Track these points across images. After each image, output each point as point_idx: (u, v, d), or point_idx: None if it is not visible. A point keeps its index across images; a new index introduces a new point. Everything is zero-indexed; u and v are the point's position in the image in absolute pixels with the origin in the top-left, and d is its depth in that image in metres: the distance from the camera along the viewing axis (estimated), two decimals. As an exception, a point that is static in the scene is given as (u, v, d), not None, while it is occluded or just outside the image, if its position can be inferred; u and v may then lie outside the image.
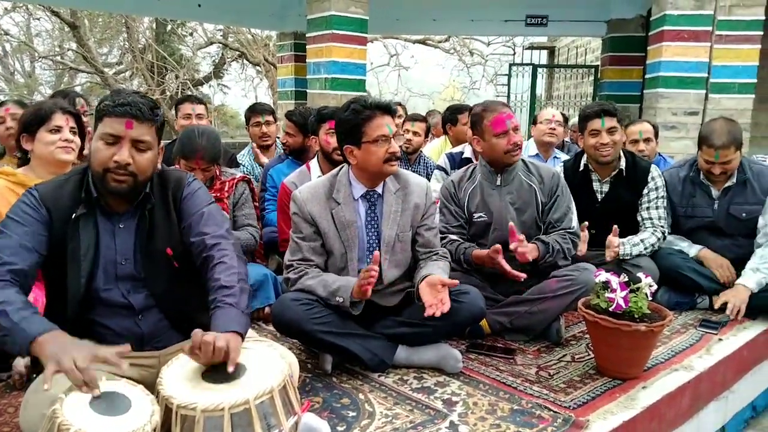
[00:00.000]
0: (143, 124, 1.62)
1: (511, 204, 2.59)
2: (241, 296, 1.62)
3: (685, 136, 5.75)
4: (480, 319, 2.34)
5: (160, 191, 1.75)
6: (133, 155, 1.62)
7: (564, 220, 2.59)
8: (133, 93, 1.68)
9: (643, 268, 2.75)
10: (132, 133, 1.61)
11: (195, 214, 1.74)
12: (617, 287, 2.07)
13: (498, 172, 2.62)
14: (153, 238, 1.70)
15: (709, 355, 2.40)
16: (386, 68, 16.53)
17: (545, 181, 2.61)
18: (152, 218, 1.71)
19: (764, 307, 2.78)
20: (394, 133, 2.17)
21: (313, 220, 2.22)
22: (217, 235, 1.73)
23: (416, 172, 4.01)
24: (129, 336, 1.69)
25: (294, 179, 3.02)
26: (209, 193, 1.86)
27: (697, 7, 5.52)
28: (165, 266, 1.72)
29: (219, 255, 1.69)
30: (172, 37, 15.98)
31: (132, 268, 1.69)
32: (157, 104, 1.70)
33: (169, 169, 1.85)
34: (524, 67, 9.78)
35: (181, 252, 1.74)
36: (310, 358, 2.29)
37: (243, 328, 1.57)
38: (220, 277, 1.64)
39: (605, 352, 2.18)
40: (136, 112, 1.60)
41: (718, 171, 2.84)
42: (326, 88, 6.14)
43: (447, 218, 2.69)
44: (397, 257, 2.30)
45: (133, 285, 1.70)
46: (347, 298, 2.05)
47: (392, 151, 2.15)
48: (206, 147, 2.61)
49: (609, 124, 2.86)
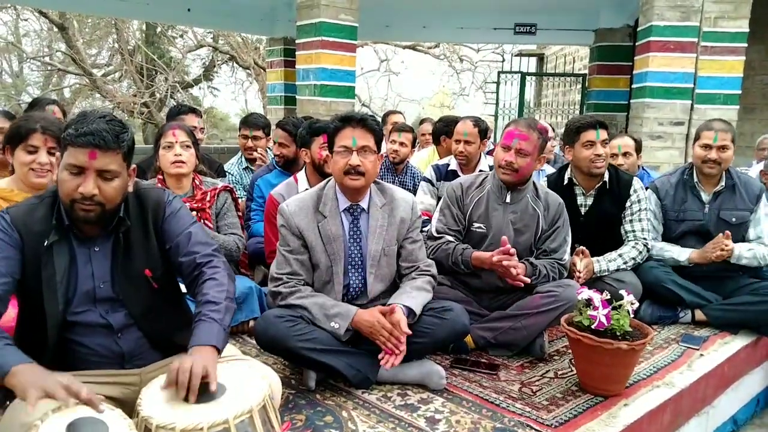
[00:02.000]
0: (107, 153, 1.55)
1: (512, 223, 2.59)
2: (226, 314, 1.64)
3: (671, 146, 5.81)
4: (464, 335, 2.36)
5: (137, 212, 1.72)
6: (99, 185, 1.57)
7: (558, 251, 2.59)
8: (99, 118, 1.58)
9: (625, 282, 2.78)
10: (96, 163, 1.54)
11: (181, 235, 1.73)
12: (599, 305, 2.09)
13: (508, 189, 2.60)
14: (131, 260, 1.69)
15: (690, 371, 2.42)
16: (376, 73, 16.54)
17: (550, 209, 2.61)
18: (129, 240, 1.69)
19: (747, 322, 2.82)
20: (360, 146, 2.15)
21: (300, 233, 2.22)
22: (207, 253, 1.74)
23: (403, 182, 4.01)
24: (109, 355, 1.68)
25: (281, 191, 3.02)
26: (190, 212, 1.85)
27: (683, 18, 5.59)
28: (144, 287, 1.70)
29: (210, 272, 1.70)
30: (161, 39, 15.89)
31: (110, 290, 1.68)
32: (124, 128, 1.61)
33: (147, 187, 1.79)
34: (513, 75, 9.82)
35: (160, 273, 1.73)
36: (294, 374, 2.28)
37: (222, 343, 1.58)
38: (208, 292, 1.65)
39: (587, 369, 2.19)
40: (99, 142, 1.53)
41: (715, 156, 2.89)
42: (315, 94, 6.14)
43: (447, 220, 2.67)
44: (382, 271, 2.31)
45: (112, 305, 1.69)
46: (344, 326, 2.07)
47: (351, 163, 2.13)
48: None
49: (603, 136, 2.89)
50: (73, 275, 1.64)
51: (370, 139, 2.19)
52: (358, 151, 2.16)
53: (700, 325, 2.90)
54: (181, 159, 2.65)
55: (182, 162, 2.65)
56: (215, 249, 1.77)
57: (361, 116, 2.21)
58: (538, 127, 2.57)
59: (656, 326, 2.89)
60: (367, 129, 2.19)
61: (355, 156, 2.15)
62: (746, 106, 6.91)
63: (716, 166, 2.92)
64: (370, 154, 2.18)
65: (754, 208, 2.95)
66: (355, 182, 2.17)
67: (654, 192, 3.09)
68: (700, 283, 2.92)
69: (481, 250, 2.57)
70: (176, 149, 2.65)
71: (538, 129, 2.56)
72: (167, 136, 2.68)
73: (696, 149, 2.98)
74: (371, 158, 2.18)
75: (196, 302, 1.66)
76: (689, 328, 2.89)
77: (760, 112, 7.87)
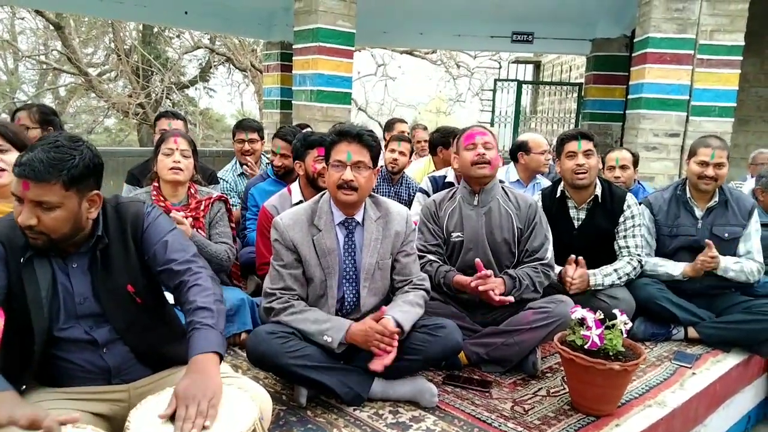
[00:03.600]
0: (40, 184, 1.47)
1: (486, 225, 2.62)
2: (219, 317, 1.62)
3: (665, 157, 5.84)
4: (457, 352, 2.35)
5: (117, 226, 1.68)
6: (39, 215, 1.50)
7: (540, 250, 2.61)
8: (47, 145, 1.49)
9: (619, 299, 2.78)
10: (29, 194, 1.47)
11: (158, 243, 1.70)
12: (593, 325, 2.08)
13: (476, 192, 2.65)
14: (111, 276, 1.66)
15: (682, 390, 2.42)
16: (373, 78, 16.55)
17: (522, 209, 2.64)
18: (108, 257, 1.66)
19: (739, 340, 2.83)
20: (355, 161, 2.15)
21: (294, 246, 2.20)
22: (185, 260, 1.70)
23: (398, 192, 4.00)
24: (94, 370, 1.66)
25: (275, 203, 3.01)
26: (171, 221, 1.82)
27: (679, 30, 5.62)
28: (127, 302, 1.68)
29: (192, 278, 1.67)
30: (158, 39, 15.84)
31: (93, 306, 1.65)
32: (70, 156, 1.50)
33: (125, 201, 1.75)
34: (509, 83, 9.84)
35: (143, 287, 1.70)
36: (285, 390, 2.27)
37: (222, 348, 1.57)
38: (195, 299, 1.62)
39: (580, 388, 2.19)
40: (29, 173, 1.45)
41: (712, 173, 2.90)
42: (312, 100, 6.14)
43: (426, 237, 2.70)
44: (376, 285, 2.30)
45: (95, 321, 1.66)
46: (337, 339, 2.05)
47: (344, 178, 2.13)
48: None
49: (585, 147, 2.90)
50: (55, 291, 1.61)
51: (366, 155, 2.18)
52: (352, 166, 2.15)
53: (692, 342, 2.90)
54: (180, 166, 2.65)
55: (180, 169, 2.66)
56: (194, 254, 1.74)
57: (358, 131, 2.19)
58: (487, 128, 2.80)
59: (649, 343, 2.89)
60: (363, 144, 2.18)
61: (349, 171, 2.14)
62: (741, 118, 6.94)
63: (712, 183, 2.92)
64: (365, 169, 2.17)
65: (746, 224, 2.96)
66: (347, 197, 2.17)
67: (647, 207, 3.09)
68: (693, 300, 2.93)
69: (461, 258, 2.64)
70: (176, 156, 2.66)
71: (488, 129, 2.76)
72: (169, 142, 2.69)
73: (692, 165, 2.98)
74: (365, 174, 2.17)
75: (185, 311, 1.63)
76: (682, 345, 2.89)
77: (754, 125, 7.91)
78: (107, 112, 16.79)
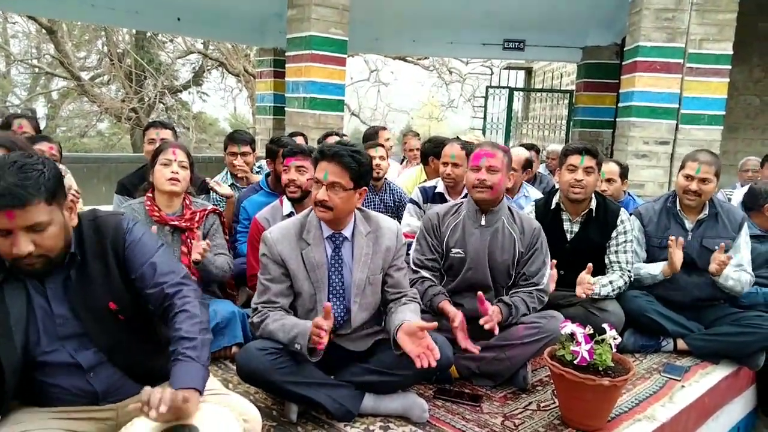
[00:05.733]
0: (27, 207, 1.42)
1: (489, 246, 2.60)
2: (202, 349, 1.59)
3: (656, 165, 5.88)
4: (448, 367, 2.35)
5: (94, 242, 1.63)
6: (34, 239, 1.46)
7: (537, 275, 2.59)
8: (8, 169, 1.42)
9: (609, 311, 2.80)
10: (18, 222, 1.42)
11: (146, 264, 1.66)
12: (582, 340, 2.10)
13: (483, 212, 2.63)
14: (91, 295, 1.61)
15: (671, 403, 2.43)
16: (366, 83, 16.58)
17: (526, 232, 2.62)
18: (86, 275, 1.61)
19: (728, 352, 2.85)
20: (330, 182, 2.11)
21: (282, 260, 2.20)
22: (175, 282, 1.67)
23: (383, 200, 3.97)
24: (81, 394, 1.63)
25: (266, 215, 3.01)
26: (155, 237, 1.79)
27: (668, 39, 5.67)
28: (110, 320, 1.64)
29: (180, 303, 1.64)
30: (151, 43, 15.81)
31: (74, 326, 1.60)
32: (39, 169, 1.46)
33: (103, 215, 1.69)
34: (501, 90, 9.88)
35: (126, 304, 1.66)
36: (276, 405, 2.26)
37: (202, 384, 1.54)
38: (181, 327, 1.59)
39: (569, 403, 2.20)
40: (11, 202, 1.40)
41: (695, 187, 2.90)
42: (305, 107, 6.15)
43: (423, 250, 2.68)
44: (367, 300, 2.30)
45: (80, 342, 1.62)
46: (304, 345, 2.01)
47: (318, 197, 2.13)
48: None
49: (587, 163, 2.89)
50: (32, 314, 1.57)
51: (344, 176, 2.13)
52: (327, 186, 2.13)
53: (682, 354, 2.92)
54: (177, 177, 2.67)
55: (178, 180, 2.68)
56: (183, 276, 1.71)
57: (336, 151, 2.14)
58: (500, 147, 2.69)
59: (639, 355, 2.91)
60: (342, 165, 2.13)
61: (323, 190, 2.13)
62: (730, 126, 7.00)
63: (696, 198, 2.93)
64: (341, 190, 2.13)
65: (736, 236, 2.97)
66: (322, 214, 2.17)
67: (638, 218, 3.11)
68: (682, 312, 2.95)
69: (461, 275, 2.62)
70: (174, 167, 2.68)
71: (500, 148, 2.66)
72: (167, 153, 2.70)
73: (679, 178, 3.00)
74: (341, 194, 2.13)
75: (171, 336, 1.60)
76: (671, 357, 2.91)
77: (743, 132, 7.98)
78: (100, 116, 16.74)
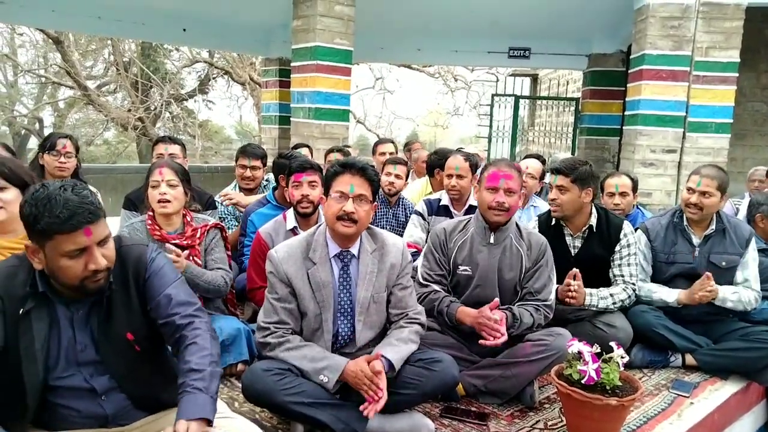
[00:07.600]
0: (97, 222, 1.53)
1: (497, 264, 2.58)
2: (211, 381, 1.60)
3: (663, 173, 5.85)
4: (453, 386, 2.34)
5: (119, 272, 1.67)
6: (103, 253, 1.55)
7: (543, 291, 2.57)
8: (64, 192, 1.49)
9: (617, 327, 2.78)
10: (95, 237, 1.52)
11: (161, 295, 1.69)
12: (589, 359, 2.08)
13: (492, 229, 2.61)
14: (112, 324, 1.65)
15: (680, 421, 2.41)
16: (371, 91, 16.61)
17: (533, 249, 2.60)
18: (111, 303, 1.65)
19: (737, 368, 2.82)
20: (357, 194, 2.14)
21: (288, 280, 2.19)
22: (188, 314, 1.70)
23: (395, 214, 4.00)
24: (92, 416, 1.66)
25: (269, 230, 3.01)
26: (175, 270, 1.81)
27: (675, 47, 5.65)
28: (126, 350, 1.67)
29: (192, 335, 1.66)
30: (157, 52, 15.91)
31: (93, 354, 1.64)
32: (85, 186, 1.56)
33: (128, 245, 1.73)
34: (507, 98, 9.87)
35: (143, 335, 1.69)
36: (282, 424, 2.26)
37: (211, 414, 1.55)
38: (191, 359, 1.61)
39: (577, 422, 2.18)
40: (88, 218, 1.50)
41: (696, 200, 2.89)
42: (310, 117, 6.15)
43: (431, 265, 2.67)
44: (371, 318, 2.29)
45: (96, 368, 1.65)
46: (333, 379, 2.03)
47: (346, 210, 2.12)
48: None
49: (559, 182, 2.89)
50: (54, 340, 1.60)
51: (368, 189, 2.19)
52: (354, 199, 2.15)
53: (690, 369, 2.89)
54: (167, 198, 2.64)
55: (167, 201, 2.64)
56: (197, 309, 1.73)
57: (362, 165, 2.20)
58: (515, 166, 2.67)
59: (647, 370, 2.89)
60: (366, 178, 2.18)
61: (350, 203, 2.14)
62: (737, 133, 6.97)
63: (697, 212, 2.91)
64: (366, 203, 2.17)
65: (743, 252, 2.94)
66: (347, 229, 2.16)
67: (644, 233, 3.09)
68: (691, 327, 2.92)
69: (468, 292, 2.60)
70: (162, 188, 2.64)
71: (515, 168, 2.65)
72: (154, 174, 2.68)
73: (683, 194, 3.00)
74: (366, 207, 2.18)
75: (180, 369, 1.62)
76: (680, 372, 2.88)
77: (751, 138, 7.94)
78: (106, 124, 16.85)
